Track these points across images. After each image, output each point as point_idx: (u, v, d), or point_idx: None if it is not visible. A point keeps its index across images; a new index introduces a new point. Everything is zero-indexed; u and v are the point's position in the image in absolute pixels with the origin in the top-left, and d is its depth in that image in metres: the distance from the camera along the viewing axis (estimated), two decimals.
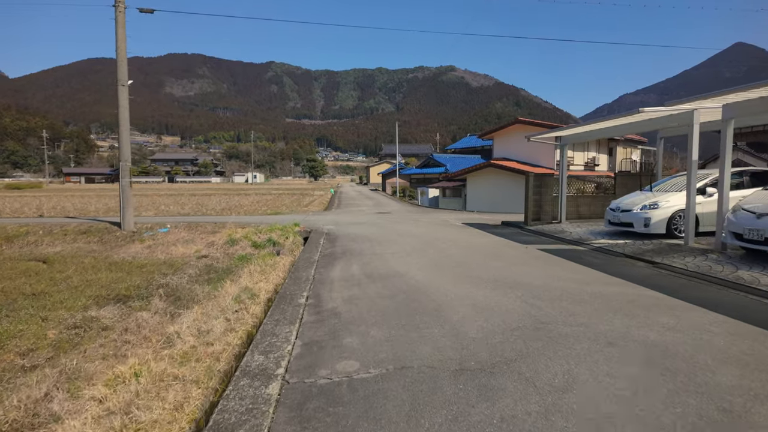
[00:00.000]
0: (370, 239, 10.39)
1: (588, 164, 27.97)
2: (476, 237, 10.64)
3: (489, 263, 7.13)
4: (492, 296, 5.11)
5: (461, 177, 26.73)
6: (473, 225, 13.57)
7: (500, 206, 23.51)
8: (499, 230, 12.05)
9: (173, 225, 13.50)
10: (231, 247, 11.05)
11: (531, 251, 8.43)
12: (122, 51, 12.39)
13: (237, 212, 20.00)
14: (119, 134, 12.55)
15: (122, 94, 12.39)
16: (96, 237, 12.69)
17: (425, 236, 10.85)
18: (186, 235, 12.34)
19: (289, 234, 11.87)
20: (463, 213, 20.51)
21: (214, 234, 12.22)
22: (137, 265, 9.44)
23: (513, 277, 6.12)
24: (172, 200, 31.05)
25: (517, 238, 10.29)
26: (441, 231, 12.00)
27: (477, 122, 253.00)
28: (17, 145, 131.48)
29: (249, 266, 8.43)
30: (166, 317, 5.75)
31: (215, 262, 9.51)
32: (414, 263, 7.18)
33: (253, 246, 11.05)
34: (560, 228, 11.58)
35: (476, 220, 15.72)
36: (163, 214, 18.75)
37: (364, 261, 7.48)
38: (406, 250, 8.52)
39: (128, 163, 12.77)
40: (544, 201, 12.71)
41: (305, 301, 5.10)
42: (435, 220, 15.39)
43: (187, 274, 8.41)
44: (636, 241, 8.85)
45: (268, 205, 25.23)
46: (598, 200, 13.23)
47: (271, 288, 6.70)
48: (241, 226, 12.91)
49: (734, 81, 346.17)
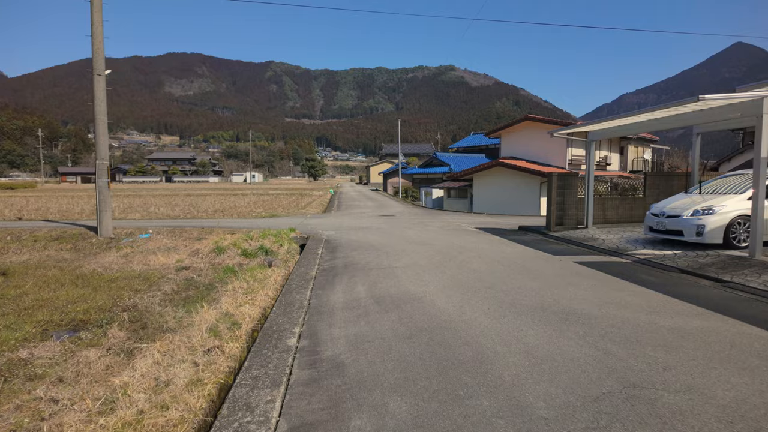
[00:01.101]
0: (375, 248, 9.11)
1: (599, 164, 26.72)
2: (497, 246, 9.36)
3: (525, 282, 5.85)
4: (546, 336, 3.84)
5: (467, 177, 25.45)
6: (488, 230, 12.29)
7: (509, 208, 22.25)
8: (520, 237, 10.77)
9: (156, 230, 12.22)
10: (218, 256, 9.77)
11: (568, 265, 7.15)
12: (98, 37, 11.10)
13: (230, 214, 18.72)
14: (95, 129, 11.26)
15: (98, 84, 11.10)
16: (69, 244, 11.40)
17: (438, 244, 9.57)
18: (169, 241, 11.06)
19: (283, 241, 10.59)
20: (471, 216, 19.24)
21: (200, 241, 10.94)
22: (107, 279, 8.17)
23: (562, 304, 4.85)
24: (165, 201, 29.76)
25: (544, 247, 9.01)
26: (455, 237, 10.72)
27: (477, 122, 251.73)
28: (14, 145, 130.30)
29: (234, 282, 7.18)
30: (120, 357, 4.47)
31: (197, 275, 8.24)
32: (432, 282, 5.91)
33: (243, 255, 9.78)
34: (588, 234, 10.31)
35: (489, 224, 14.45)
36: (150, 217, 17.47)
37: (370, 278, 6.21)
38: (420, 264, 7.24)
39: (105, 162, 11.48)
40: (568, 204, 11.44)
41: (297, 343, 3.82)
42: (445, 224, 14.11)
43: (161, 292, 7.14)
44: (687, 253, 7.58)
45: (264, 207, 23.94)
46: (626, 203, 11.96)
47: (257, 314, 5.44)
48: (231, 231, 11.63)
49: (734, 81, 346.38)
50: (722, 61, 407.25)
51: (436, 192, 29.84)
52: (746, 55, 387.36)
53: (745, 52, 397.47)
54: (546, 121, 24.97)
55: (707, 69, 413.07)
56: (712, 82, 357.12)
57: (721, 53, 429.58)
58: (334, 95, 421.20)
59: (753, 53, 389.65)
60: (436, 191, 29.82)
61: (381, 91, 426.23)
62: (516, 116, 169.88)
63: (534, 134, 25.54)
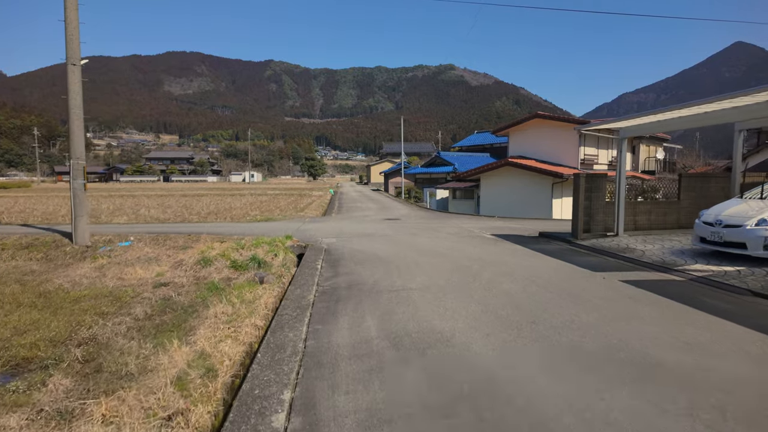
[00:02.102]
0: (383, 261, 7.95)
1: (612, 163, 25.60)
2: (523, 258, 8.20)
3: (574, 313, 4.69)
4: (639, 410, 2.68)
5: (474, 177, 24.30)
6: (506, 237, 11.13)
7: (519, 211, 21.09)
8: (544, 246, 9.61)
9: (138, 237, 11.05)
10: (204, 268, 8.62)
11: (615, 285, 5.99)
12: (73, 22, 9.92)
13: (224, 217, 17.55)
14: (69, 125, 10.08)
15: (73, 75, 9.92)
16: (40, 253, 10.24)
17: (455, 255, 8.41)
18: (151, 251, 9.90)
19: (278, 250, 9.44)
20: (481, 219, 18.07)
21: (185, 250, 9.78)
22: (72, 299, 7.03)
23: (633, 347, 3.70)
24: (158, 202, 28.58)
25: (577, 260, 7.85)
26: (471, 247, 9.56)
27: (477, 121, 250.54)
28: (12, 144, 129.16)
29: (218, 305, 6.04)
30: (49, 428, 3.31)
31: (177, 292, 7.09)
32: (459, 312, 4.75)
33: (233, 267, 8.64)
34: (622, 244, 9.16)
35: (504, 229, 13.29)
36: (137, 221, 16.30)
37: (381, 306, 5.05)
38: (439, 284, 6.08)
39: (81, 162, 10.31)
40: (595, 208, 10.29)
41: (286, 423, 2.66)
42: (456, 230, 12.95)
43: (131, 316, 6.00)
44: (753, 269, 6.43)
45: (260, 209, 22.78)
46: (659, 207, 10.81)
47: (239, 355, 4.30)
48: (221, 239, 10.47)
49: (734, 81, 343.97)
50: (722, 61, 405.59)
51: (440, 193, 28.70)
52: (746, 55, 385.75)
53: (745, 51, 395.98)
54: (557, 119, 23.84)
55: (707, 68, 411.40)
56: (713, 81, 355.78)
57: (721, 52, 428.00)
58: (333, 94, 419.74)
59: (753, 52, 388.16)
60: (441, 192, 28.68)
61: (381, 90, 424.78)
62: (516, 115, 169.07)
63: (544, 132, 24.39)
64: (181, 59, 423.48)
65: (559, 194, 21.00)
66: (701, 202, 10.88)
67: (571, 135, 23.15)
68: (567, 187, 21.18)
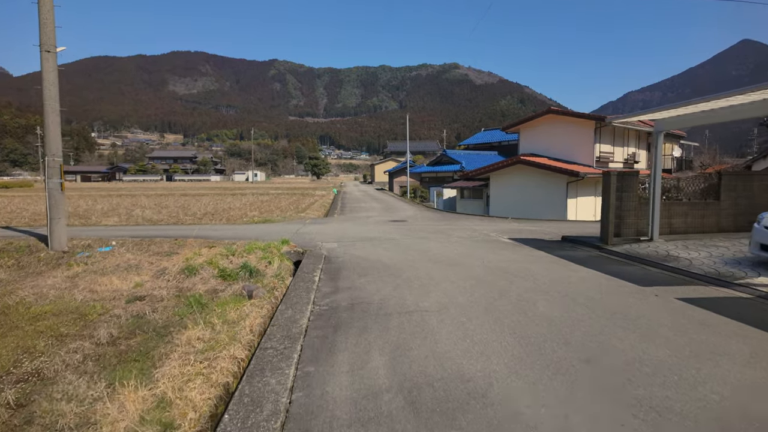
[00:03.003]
0: (390, 271, 6.93)
1: (627, 161, 24.43)
2: (552, 268, 7.14)
3: (642, 349, 3.64)
4: None
5: (483, 176, 23.21)
6: (525, 242, 10.06)
7: (531, 211, 20.00)
8: (571, 253, 8.54)
9: (121, 242, 10.09)
10: (188, 278, 7.64)
11: (675, 306, 4.93)
12: (47, 3, 8.98)
13: (220, 219, 16.59)
14: (45, 118, 9.15)
15: (47, 63, 8.98)
16: (12, 259, 9.30)
17: (472, 265, 7.36)
18: (133, 257, 8.93)
19: (273, 257, 8.44)
20: (494, 221, 16.99)
21: (170, 257, 8.81)
22: (31, 316, 6.07)
23: (739, 405, 2.66)
24: (156, 202, 27.70)
25: (616, 271, 6.78)
26: (489, 253, 8.51)
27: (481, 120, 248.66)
28: (17, 143, 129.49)
29: (194, 328, 5.05)
30: None
31: (153, 308, 6.12)
32: (491, 346, 3.72)
33: (220, 276, 7.66)
34: (661, 250, 8.07)
35: (521, 232, 12.22)
36: (128, 222, 15.38)
37: (391, 336, 4.02)
38: (459, 302, 5.04)
39: (58, 159, 9.35)
40: (625, 210, 9.21)
41: None
42: (469, 233, 11.90)
43: (92, 340, 5.03)
44: None
45: (261, 209, 21.82)
46: (696, 209, 9.70)
47: (208, 403, 3.30)
48: (210, 244, 9.47)
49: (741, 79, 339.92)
50: (729, 59, 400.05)
51: (448, 192, 27.62)
52: (753, 53, 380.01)
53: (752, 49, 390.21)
54: (571, 114, 22.68)
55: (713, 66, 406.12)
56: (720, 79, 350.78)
57: (728, 51, 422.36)
58: (337, 93, 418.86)
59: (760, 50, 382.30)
60: (448, 191, 27.60)
61: (385, 89, 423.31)
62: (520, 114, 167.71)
63: (556, 129, 23.25)
64: (186, 59, 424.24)
65: (574, 194, 19.89)
66: (743, 203, 9.78)
67: (586, 131, 22.02)
68: (582, 186, 20.08)
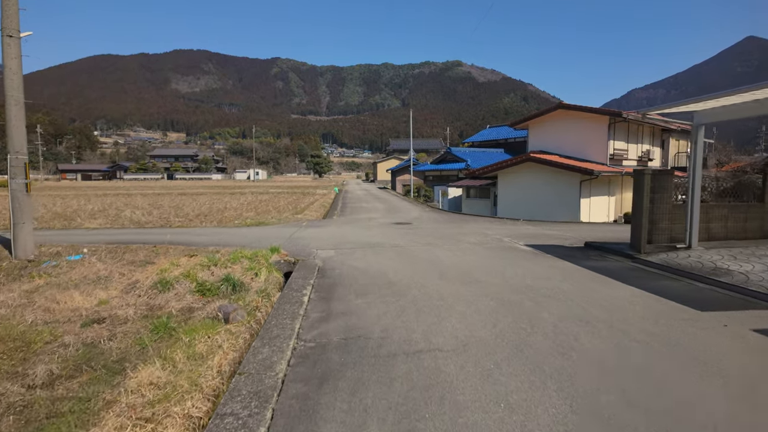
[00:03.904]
0: (394, 289, 5.89)
1: (642, 158, 23.28)
2: (583, 284, 6.08)
3: (750, 421, 2.61)
4: None
5: (490, 174, 22.12)
6: (544, 249, 9.00)
7: (542, 212, 18.90)
8: (599, 263, 7.47)
9: (94, 248, 9.09)
10: (161, 293, 6.62)
11: (756, 342, 3.88)
12: None
13: (212, 220, 15.59)
14: (6, 111, 8.17)
15: (8, 49, 8.01)
16: None
17: (492, 281, 6.31)
18: (104, 267, 7.93)
19: (260, 267, 7.41)
20: (505, 223, 15.91)
21: (144, 267, 7.80)
22: None
23: None
24: (150, 201, 26.77)
25: (660, 289, 5.71)
26: (508, 264, 7.46)
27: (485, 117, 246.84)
28: None
29: (151, 366, 4.03)
30: None
31: (110, 335, 5.10)
32: (536, 415, 2.68)
33: (199, 291, 6.65)
34: (705, 261, 7.00)
35: (537, 237, 11.14)
36: (112, 225, 14.41)
37: (394, 395, 2.97)
38: (482, 338, 3.99)
39: (22, 157, 8.38)
40: (658, 213, 8.13)
41: None
42: (480, 238, 10.83)
43: (23, 382, 4.04)
44: None
45: (257, 209, 20.83)
46: (737, 212, 8.62)
47: None
48: (190, 253, 8.46)
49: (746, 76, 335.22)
50: (733, 56, 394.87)
51: (453, 191, 26.53)
52: (758, 49, 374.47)
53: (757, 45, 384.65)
54: (583, 110, 21.55)
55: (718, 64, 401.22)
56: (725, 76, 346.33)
57: (732, 47, 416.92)
58: (340, 91, 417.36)
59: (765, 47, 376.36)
60: (453, 190, 26.51)
61: (387, 87, 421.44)
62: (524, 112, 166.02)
63: (568, 125, 22.13)
64: (189, 57, 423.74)
65: (587, 193, 18.80)
66: None
67: (599, 127, 20.90)
68: (595, 185, 18.99)
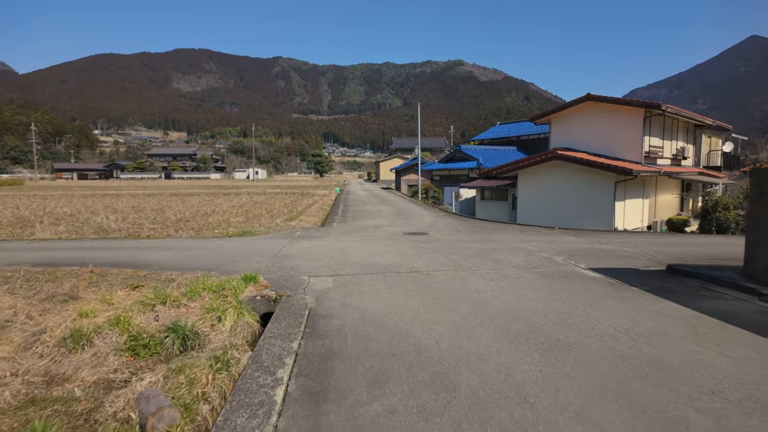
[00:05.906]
0: (432, 369, 3.60)
1: (676, 156, 20.96)
2: (722, 350, 3.81)
3: None
4: None
5: (510, 174, 19.82)
6: (616, 275, 6.70)
7: (570, 218, 16.59)
8: (715, 303, 5.19)
9: (14, 270, 6.85)
10: (71, 354, 4.37)
11: None
12: None
13: (191, 228, 13.33)
14: None
15: None
16: None
17: (582, 342, 4.04)
18: (9, 304, 5.66)
19: (227, 307, 5.13)
20: (538, 232, 13.58)
21: (65, 304, 5.54)
22: None
23: None
24: (135, 203, 24.53)
25: None
26: (595, 311, 5.19)
27: (487, 116, 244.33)
28: (17, 141, 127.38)
29: None
30: None
31: None
32: None
33: (130, 349, 4.42)
34: None
35: (592, 253, 8.84)
36: (70, 235, 12.17)
37: None
38: None
39: None
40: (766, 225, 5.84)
41: None
42: (523, 256, 8.52)
43: None
44: None
45: (249, 213, 18.58)
46: None
47: None
48: (134, 283, 6.18)
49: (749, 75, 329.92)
50: (736, 55, 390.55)
51: (466, 192, 24.23)
52: (761, 49, 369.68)
53: (760, 45, 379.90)
54: (614, 101, 19.20)
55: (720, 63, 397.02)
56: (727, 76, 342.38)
57: (736, 47, 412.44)
58: (341, 91, 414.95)
59: None
60: (467, 191, 24.21)
61: (389, 86, 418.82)
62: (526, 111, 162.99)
63: (596, 119, 19.79)
64: (190, 56, 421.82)
65: (622, 196, 16.50)
66: None
67: (633, 122, 18.57)
68: (630, 187, 16.68)
